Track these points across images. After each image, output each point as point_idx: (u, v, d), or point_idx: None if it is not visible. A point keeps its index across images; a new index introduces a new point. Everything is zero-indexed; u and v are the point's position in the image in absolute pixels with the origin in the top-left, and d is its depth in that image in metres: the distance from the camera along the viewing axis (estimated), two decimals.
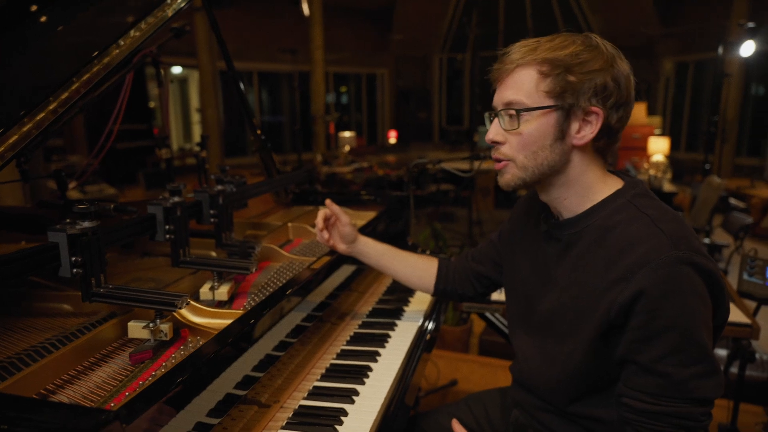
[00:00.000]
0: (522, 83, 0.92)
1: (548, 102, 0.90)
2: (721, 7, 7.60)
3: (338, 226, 1.35)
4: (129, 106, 1.79)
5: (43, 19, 1.17)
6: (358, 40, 10.97)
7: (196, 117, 9.65)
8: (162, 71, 2.01)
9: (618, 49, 0.92)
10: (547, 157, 0.92)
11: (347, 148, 7.47)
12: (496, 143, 0.97)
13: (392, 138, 10.25)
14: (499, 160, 0.98)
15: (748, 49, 5.45)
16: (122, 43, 1.15)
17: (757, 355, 2.28)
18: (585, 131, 0.90)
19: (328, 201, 1.36)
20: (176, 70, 9.40)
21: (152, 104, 8.20)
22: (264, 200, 1.93)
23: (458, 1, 10.56)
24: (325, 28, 9.19)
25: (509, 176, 0.96)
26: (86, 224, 0.92)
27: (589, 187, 0.95)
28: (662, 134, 7.13)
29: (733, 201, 5.28)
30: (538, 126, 0.91)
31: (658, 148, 6.17)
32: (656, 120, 7.50)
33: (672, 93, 9.93)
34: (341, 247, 1.38)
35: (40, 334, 0.96)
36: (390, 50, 11.47)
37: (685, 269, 0.81)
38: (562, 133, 0.91)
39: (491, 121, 0.98)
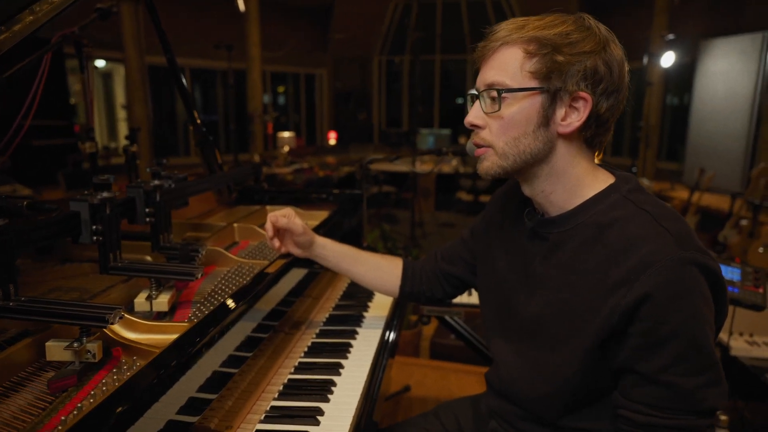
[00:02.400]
0: (506, 63, 0.84)
1: (533, 84, 0.83)
2: (646, 19, 8.03)
3: (292, 236, 1.23)
4: (48, 101, 1.57)
5: None
6: (296, 38, 10.72)
7: (121, 114, 9.04)
8: (85, 54, 1.80)
9: (613, 33, 0.86)
10: (530, 145, 0.85)
11: (286, 148, 7.26)
12: (475, 127, 0.89)
13: (332, 139, 10.12)
14: (479, 146, 0.90)
15: (668, 59, 5.80)
16: (38, 9, 0.97)
17: None
18: (571, 118, 0.84)
19: (272, 217, 1.20)
20: (99, 63, 8.77)
21: (73, 100, 7.59)
22: (205, 199, 1.76)
23: (397, 3, 10.59)
24: (263, 25, 8.89)
25: (488, 164, 0.89)
26: None
27: (578, 181, 0.88)
28: None
29: None
30: (520, 109, 0.84)
31: None
32: None
33: None
34: (297, 252, 1.25)
35: None
36: (329, 50, 11.30)
37: (693, 271, 0.75)
38: (546, 119, 0.84)
39: (473, 103, 0.89)
